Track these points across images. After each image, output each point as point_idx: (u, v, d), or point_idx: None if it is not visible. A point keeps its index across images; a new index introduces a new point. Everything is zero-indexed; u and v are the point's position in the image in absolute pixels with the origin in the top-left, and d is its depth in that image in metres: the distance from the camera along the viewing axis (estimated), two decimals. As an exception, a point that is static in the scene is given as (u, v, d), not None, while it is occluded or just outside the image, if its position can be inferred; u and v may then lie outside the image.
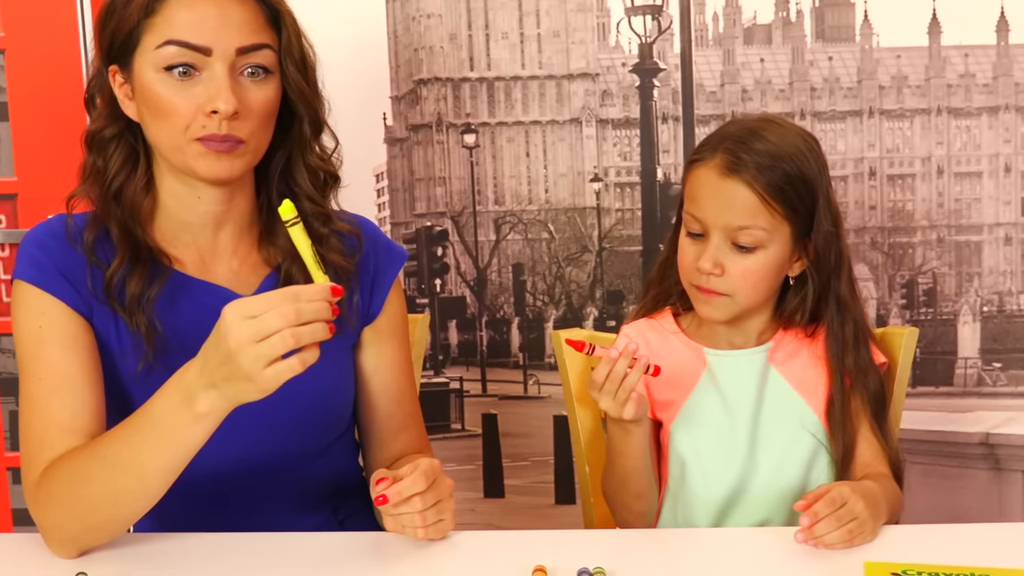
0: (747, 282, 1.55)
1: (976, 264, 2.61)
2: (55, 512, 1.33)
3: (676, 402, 1.63)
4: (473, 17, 2.62)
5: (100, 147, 1.46)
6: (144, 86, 1.39)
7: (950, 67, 2.55)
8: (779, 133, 1.56)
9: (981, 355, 2.61)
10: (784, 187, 1.51)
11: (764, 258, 1.54)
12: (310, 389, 1.48)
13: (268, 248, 1.52)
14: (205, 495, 1.48)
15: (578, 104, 2.65)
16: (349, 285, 1.54)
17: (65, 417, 1.38)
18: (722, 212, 1.52)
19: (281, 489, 1.53)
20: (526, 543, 1.38)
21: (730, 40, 2.60)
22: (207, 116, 1.36)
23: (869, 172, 2.61)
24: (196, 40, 1.36)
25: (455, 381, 2.74)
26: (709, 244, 1.54)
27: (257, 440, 1.47)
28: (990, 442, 2.60)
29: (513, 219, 2.68)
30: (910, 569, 1.12)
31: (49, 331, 1.41)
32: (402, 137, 2.68)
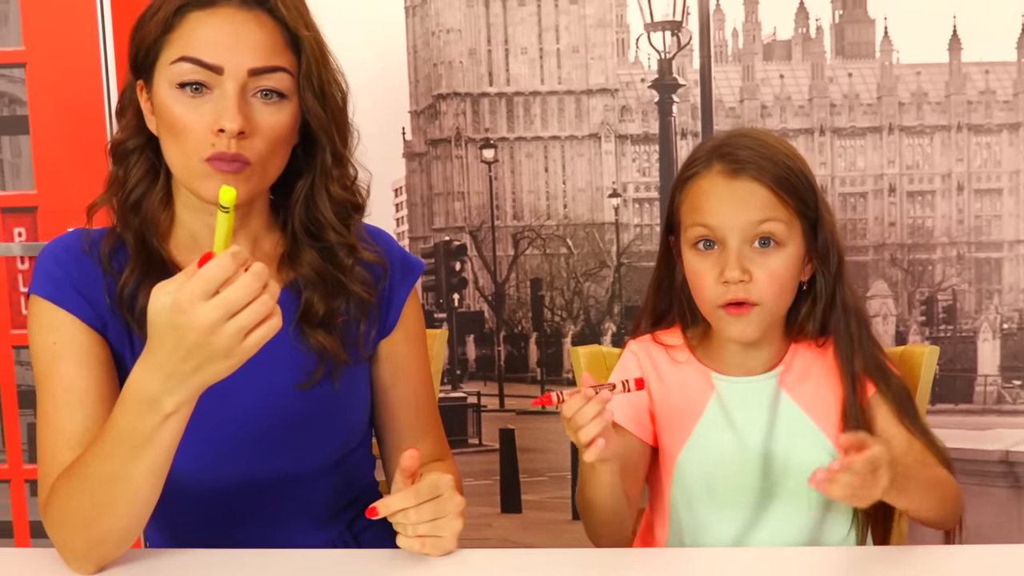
0: (775, 285, 1.49)
1: (996, 281, 2.61)
2: (60, 530, 1.33)
3: (683, 430, 1.58)
4: (492, 32, 2.64)
5: (122, 158, 1.47)
6: (160, 101, 1.39)
7: (970, 84, 2.56)
8: (763, 134, 1.55)
9: (1001, 372, 2.61)
10: (790, 179, 1.49)
11: (786, 257, 1.49)
12: (327, 401, 1.49)
13: (287, 271, 1.51)
14: (220, 511, 1.48)
15: (597, 119, 2.67)
16: (368, 318, 1.53)
17: (77, 431, 1.37)
18: (737, 213, 1.48)
19: (298, 502, 1.53)
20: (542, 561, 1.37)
21: (749, 56, 2.61)
22: (215, 135, 1.36)
23: (889, 189, 2.61)
24: (208, 58, 1.36)
25: (472, 396, 2.75)
26: (728, 252, 1.48)
27: (273, 454, 1.47)
28: (1010, 460, 2.60)
29: (531, 234, 2.69)
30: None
31: (63, 347, 1.41)
32: (421, 152, 2.69)
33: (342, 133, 1.48)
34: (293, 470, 1.50)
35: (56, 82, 2.43)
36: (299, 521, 1.53)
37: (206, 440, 1.41)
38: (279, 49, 1.40)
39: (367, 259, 1.53)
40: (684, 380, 1.59)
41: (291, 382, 1.47)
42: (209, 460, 1.44)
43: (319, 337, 1.47)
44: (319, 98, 1.43)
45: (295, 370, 1.47)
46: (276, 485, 1.50)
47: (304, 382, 1.47)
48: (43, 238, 2.45)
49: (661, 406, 1.59)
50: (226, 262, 1.12)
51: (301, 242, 1.51)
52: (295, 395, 1.48)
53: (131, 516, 1.29)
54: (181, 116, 1.37)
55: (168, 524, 1.46)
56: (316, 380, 1.47)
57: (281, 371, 1.46)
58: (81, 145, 2.42)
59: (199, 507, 1.46)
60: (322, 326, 1.48)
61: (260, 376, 1.42)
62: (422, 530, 1.33)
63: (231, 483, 1.46)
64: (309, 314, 1.48)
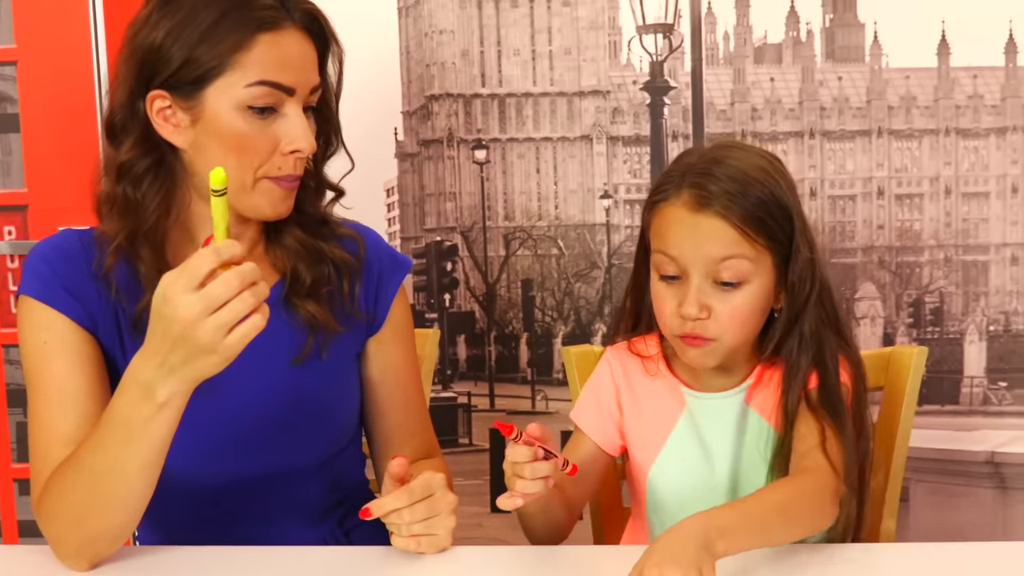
0: (735, 321, 1.45)
1: (983, 284, 2.63)
2: (54, 525, 1.34)
3: (654, 444, 1.56)
4: (485, 34, 2.66)
5: (134, 181, 1.42)
6: (219, 120, 1.38)
7: (959, 88, 2.58)
8: (742, 157, 1.47)
9: (987, 374, 2.63)
10: (760, 215, 1.42)
11: (750, 293, 1.44)
12: (316, 399, 1.50)
13: (275, 252, 1.52)
14: (212, 508, 1.49)
15: (589, 121, 2.68)
16: (351, 279, 1.55)
17: (69, 429, 1.38)
18: (699, 249, 1.43)
19: (288, 500, 1.53)
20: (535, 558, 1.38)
21: (740, 59, 2.63)
22: (284, 156, 1.39)
23: (877, 192, 2.63)
24: (285, 81, 1.37)
25: (463, 396, 2.76)
26: (689, 286, 1.44)
27: (263, 452, 1.48)
28: (995, 460, 2.62)
29: (523, 235, 2.71)
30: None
31: (54, 346, 1.41)
32: (413, 152, 2.70)
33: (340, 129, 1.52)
34: (283, 467, 1.51)
35: (48, 80, 2.43)
36: (290, 519, 1.54)
37: (197, 436, 1.41)
38: (317, 65, 1.43)
39: (341, 233, 1.56)
40: (656, 394, 1.57)
41: (286, 359, 1.48)
42: (200, 457, 1.44)
43: (309, 307, 1.49)
44: (337, 105, 1.49)
45: (290, 347, 1.49)
46: (267, 483, 1.50)
47: (297, 356, 1.48)
48: (33, 237, 2.45)
49: (632, 420, 1.57)
50: (208, 256, 1.13)
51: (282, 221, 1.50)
52: (287, 388, 1.49)
53: (125, 511, 1.30)
54: (249, 136, 1.38)
55: (159, 522, 1.46)
56: (308, 352, 1.49)
57: (273, 353, 1.47)
58: (72, 144, 2.42)
59: (190, 505, 1.47)
60: (310, 296, 1.50)
61: (252, 365, 1.42)
62: (416, 529, 1.34)
63: (222, 480, 1.47)
64: (297, 284, 1.50)
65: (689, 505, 1.52)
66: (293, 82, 1.38)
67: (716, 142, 1.56)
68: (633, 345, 1.60)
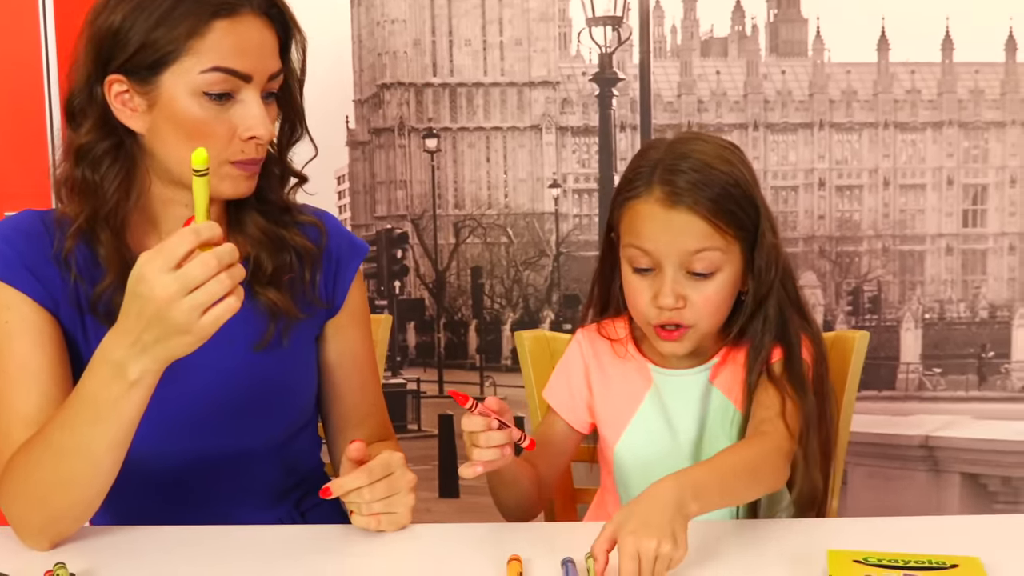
0: (709, 309, 1.50)
1: (919, 273, 2.70)
2: (17, 505, 1.33)
3: (621, 421, 1.61)
4: (437, 24, 2.67)
5: (93, 163, 1.42)
6: (175, 105, 1.37)
7: (897, 83, 2.64)
8: (706, 149, 1.51)
9: (922, 361, 2.70)
10: (728, 206, 1.47)
11: (722, 281, 1.49)
12: (275, 382, 1.52)
13: (236, 238, 1.51)
14: (168, 490, 1.49)
15: (538, 111, 2.70)
16: (312, 268, 1.56)
17: (31, 410, 1.37)
18: (673, 243, 1.47)
19: (244, 481, 1.54)
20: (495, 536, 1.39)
21: (687, 52, 2.67)
22: (244, 141, 1.38)
23: (819, 183, 2.68)
24: (241, 67, 1.36)
25: (412, 382, 2.77)
26: (664, 277, 1.48)
27: (220, 433, 1.49)
28: (929, 444, 2.69)
29: (473, 223, 2.72)
30: (871, 556, 1.18)
31: (15, 325, 1.40)
32: (364, 140, 2.71)
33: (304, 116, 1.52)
34: (240, 449, 1.51)
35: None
36: (247, 501, 1.54)
37: (156, 415, 1.39)
38: (277, 52, 1.43)
39: (303, 220, 1.57)
40: (624, 372, 1.62)
41: (246, 344, 1.49)
42: (157, 437, 1.43)
43: (270, 295, 1.50)
44: (301, 91, 1.48)
45: (250, 333, 1.49)
46: (223, 464, 1.51)
47: (259, 342, 1.49)
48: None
49: (601, 398, 1.61)
50: (187, 236, 1.14)
51: (245, 207, 1.51)
52: (246, 371, 1.50)
53: (90, 491, 1.30)
54: (207, 123, 1.37)
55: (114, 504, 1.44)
56: (269, 339, 1.50)
57: (236, 336, 1.45)
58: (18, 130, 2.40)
59: (146, 486, 1.47)
60: (272, 284, 1.51)
61: (214, 348, 1.43)
62: (376, 508, 1.36)
63: (178, 462, 1.48)
64: (259, 272, 1.50)
65: (653, 477, 1.56)
66: (250, 69, 1.37)
67: (678, 135, 1.60)
68: (603, 328, 1.65)
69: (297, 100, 1.49)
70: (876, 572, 1.15)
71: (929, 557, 1.18)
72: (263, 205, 1.52)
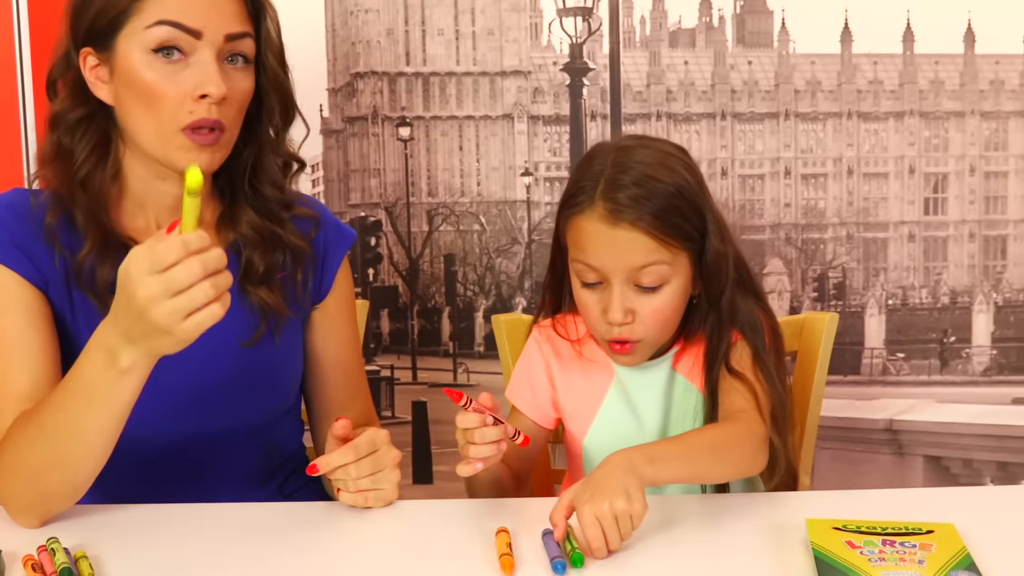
0: (658, 321, 1.50)
1: (882, 260, 2.75)
2: (8, 482, 1.34)
3: (586, 415, 1.61)
4: (410, 13, 2.68)
5: (67, 130, 1.44)
6: (129, 68, 1.38)
7: (860, 74, 2.69)
8: (647, 156, 1.49)
9: (886, 346, 2.75)
10: (672, 218, 1.46)
11: (670, 293, 1.49)
12: (262, 364, 1.52)
13: (226, 231, 1.53)
14: (151, 470, 1.49)
15: (510, 100, 2.73)
16: (304, 267, 1.57)
17: (23, 386, 1.38)
18: (619, 259, 1.45)
19: (227, 464, 1.55)
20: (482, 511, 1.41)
21: (656, 43, 2.70)
22: (195, 101, 1.36)
23: (784, 171, 2.73)
24: (188, 22, 1.35)
25: (386, 369, 2.78)
26: (612, 292, 1.47)
27: (204, 415, 1.49)
28: (893, 428, 2.74)
29: (446, 211, 2.74)
30: (849, 524, 1.22)
31: (6, 303, 1.41)
32: (338, 129, 2.72)
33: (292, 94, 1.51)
34: (223, 432, 1.52)
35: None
36: (229, 484, 1.55)
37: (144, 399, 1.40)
38: (245, 16, 1.42)
39: (300, 213, 1.57)
40: (586, 367, 1.62)
41: (235, 340, 1.49)
42: (144, 419, 1.40)
43: (261, 294, 1.50)
44: (280, 62, 1.47)
45: (239, 329, 1.50)
46: (207, 447, 1.52)
47: (248, 340, 1.50)
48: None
49: (564, 394, 1.62)
50: (176, 247, 1.12)
51: (239, 202, 1.52)
52: (234, 357, 1.50)
53: (81, 471, 1.30)
54: (156, 82, 1.36)
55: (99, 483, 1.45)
56: (259, 337, 1.50)
57: (224, 331, 1.47)
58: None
59: (130, 469, 1.46)
60: (263, 283, 1.51)
61: (204, 339, 1.45)
62: (363, 484, 1.38)
63: (162, 444, 1.48)
64: (250, 272, 1.50)
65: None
66: (199, 24, 1.36)
67: (620, 141, 1.56)
68: (558, 325, 1.64)
69: (279, 74, 1.47)
70: (856, 538, 1.18)
71: (906, 524, 1.22)
72: (257, 200, 1.52)
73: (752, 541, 1.28)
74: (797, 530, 1.25)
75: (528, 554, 1.23)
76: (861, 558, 1.13)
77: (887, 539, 1.18)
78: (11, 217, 1.44)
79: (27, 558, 1.21)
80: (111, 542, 1.29)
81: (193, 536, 1.33)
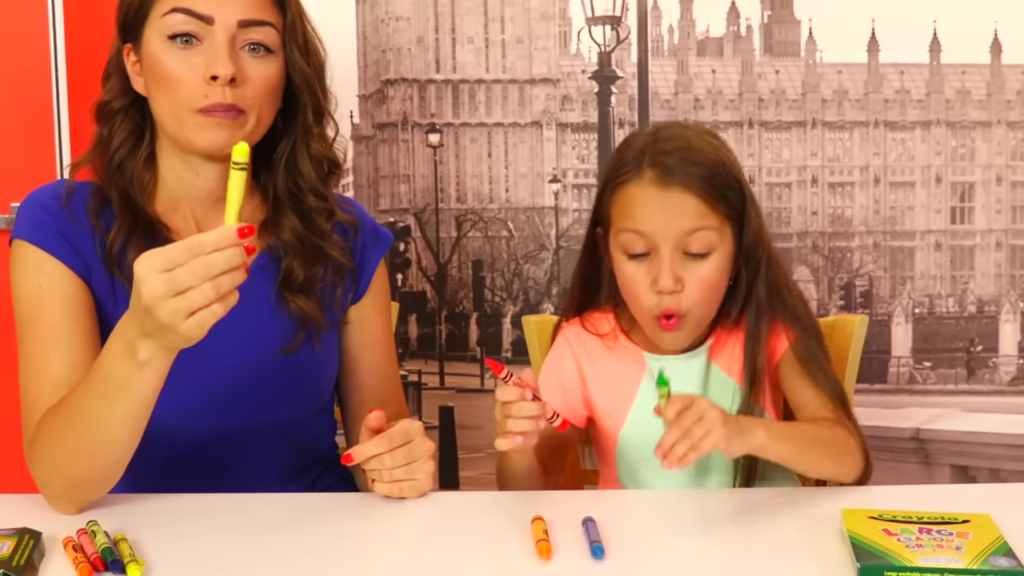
0: (704, 291, 1.50)
1: (909, 268, 2.75)
2: (42, 468, 1.35)
3: (620, 410, 1.61)
4: (440, 21, 2.70)
5: (106, 118, 1.50)
6: (150, 55, 1.43)
7: (887, 83, 2.70)
8: (687, 134, 1.53)
9: (913, 354, 2.75)
10: (719, 185, 1.49)
11: (716, 263, 1.50)
12: (299, 365, 1.53)
13: (267, 237, 1.55)
14: (184, 463, 1.51)
15: (539, 108, 2.75)
16: (344, 282, 1.58)
17: (61, 374, 1.40)
18: (671, 222, 1.47)
19: (261, 459, 1.56)
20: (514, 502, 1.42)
21: (684, 51, 2.72)
22: (208, 84, 1.40)
23: (811, 180, 2.73)
24: (199, 8, 1.40)
25: (414, 374, 2.79)
26: (661, 259, 1.48)
27: (240, 408, 1.50)
28: (920, 436, 2.74)
29: (474, 217, 2.75)
30: (885, 513, 1.22)
31: (48, 290, 1.43)
32: (368, 135, 2.74)
33: (323, 89, 1.53)
34: (258, 427, 1.54)
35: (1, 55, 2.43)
36: (262, 480, 1.55)
37: (179, 394, 1.42)
38: (266, 5, 1.45)
39: (342, 220, 1.59)
40: (618, 361, 1.62)
41: (272, 346, 1.51)
42: (180, 414, 1.46)
43: (300, 302, 1.52)
44: (304, 53, 1.48)
45: (276, 334, 1.52)
46: (241, 442, 1.53)
47: (287, 347, 1.51)
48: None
49: (596, 390, 1.62)
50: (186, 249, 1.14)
51: (282, 208, 1.54)
52: (272, 361, 1.51)
53: (108, 459, 1.32)
54: (172, 67, 1.41)
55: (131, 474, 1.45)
56: (298, 344, 1.52)
57: (262, 335, 1.51)
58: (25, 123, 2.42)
59: (162, 460, 1.49)
60: (302, 292, 1.52)
61: (241, 338, 1.46)
62: (398, 474, 1.39)
63: (195, 437, 1.50)
64: (290, 280, 1.52)
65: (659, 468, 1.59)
66: (210, 10, 1.40)
67: (657, 125, 1.61)
68: (586, 322, 1.65)
69: (301, 65, 1.49)
70: (892, 526, 1.19)
71: (941, 514, 1.23)
72: (301, 207, 1.54)
73: (787, 532, 1.28)
74: (832, 521, 1.26)
75: (564, 542, 1.23)
76: (899, 544, 1.14)
77: (924, 527, 1.18)
78: (57, 206, 1.47)
79: (67, 540, 1.23)
80: (149, 529, 1.30)
81: (228, 524, 1.34)
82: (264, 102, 1.45)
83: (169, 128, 1.45)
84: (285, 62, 1.48)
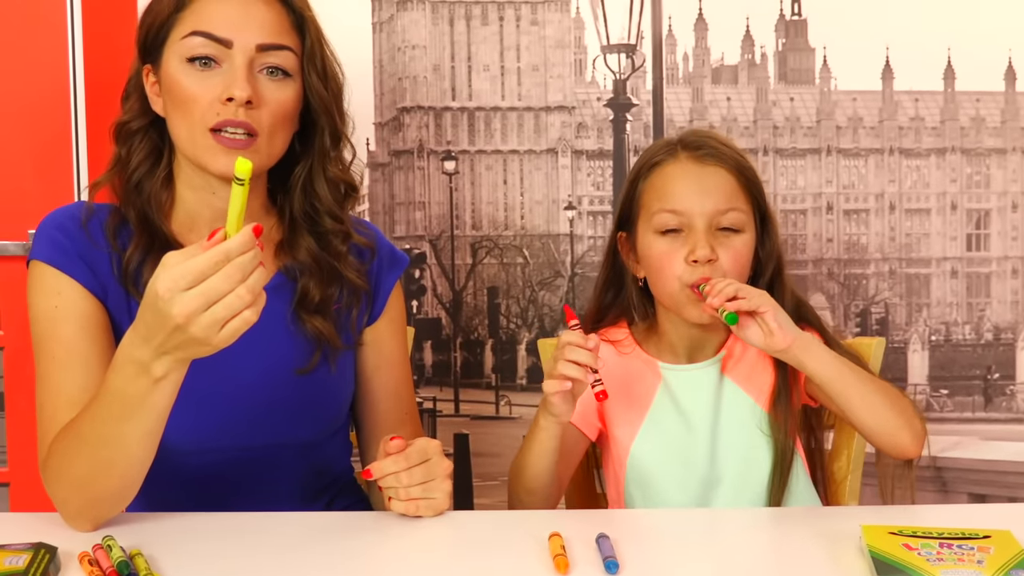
0: (737, 266, 1.55)
1: (925, 295, 2.74)
2: (58, 488, 1.35)
3: (635, 419, 1.63)
4: (456, 49, 2.72)
5: (125, 138, 1.52)
6: (168, 76, 1.45)
7: (901, 110, 2.71)
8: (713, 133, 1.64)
9: (929, 382, 2.74)
10: (748, 174, 1.58)
11: (746, 240, 1.56)
12: (315, 388, 1.54)
13: (284, 258, 1.56)
14: (199, 484, 1.51)
15: (554, 135, 2.76)
16: (360, 304, 1.59)
17: (76, 392, 1.40)
18: (706, 198, 1.54)
19: (276, 480, 1.56)
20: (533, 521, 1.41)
21: (699, 79, 2.73)
22: (223, 104, 1.41)
23: (827, 207, 2.74)
24: (219, 32, 1.42)
25: (429, 401, 2.79)
26: (695, 234, 1.54)
27: (255, 429, 1.51)
28: (937, 465, 2.71)
29: (489, 244, 2.76)
30: (905, 529, 1.21)
31: (64, 311, 1.44)
32: (384, 162, 2.75)
33: (341, 113, 1.55)
34: (274, 448, 1.54)
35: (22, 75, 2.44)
36: (277, 501, 1.55)
37: (195, 415, 1.44)
38: (285, 29, 1.46)
39: (358, 242, 1.60)
40: (631, 372, 1.64)
41: (288, 367, 1.51)
42: (196, 435, 1.47)
43: (315, 323, 1.52)
44: (322, 77, 1.50)
45: (292, 355, 1.52)
46: (256, 462, 1.53)
47: (303, 367, 1.51)
48: (3, 236, 2.44)
49: (611, 400, 1.59)
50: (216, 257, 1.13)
51: (299, 229, 1.55)
52: (288, 381, 1.52)
53: (125, 477, 1.31)
54: (189, 87, 1.42)
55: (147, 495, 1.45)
56: (314, 365, 1.52)
57: (278, 355, 1.51)
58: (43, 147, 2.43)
59: (177, 481, 1.49)
60: (318, 312, 1.53)
61: (257, 358, 1.47)
62: (414, 493, 1.38)
63: (216, 459, 1.50)
64: (305, 300, 1.53)
65: (670, 473, 1.60)
66: (230, 34, 1.42)
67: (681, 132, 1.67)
68: (602, 334, 1.67)
69: (318, 89, 1.50)
70: (913, 541, 1.18)
71: (962, 530, 1.22)
72: (317, 229, 1.55)
73: (804, 549, 1.27)
74: (850, 538, 1.25)
75: (578, 558, 1.23)
76: (919, 558, 1.13)
77: (944, 542, 1.18)
78: (74, 227, 1.49)
79: (83, 554, 1.23)
80: (165, 546, 1.30)
81: (245, 541, 1.34)
82: (278, 125, 1.46)
83: (185, 149, 1.47)
84: (303, 85, 1.49)
